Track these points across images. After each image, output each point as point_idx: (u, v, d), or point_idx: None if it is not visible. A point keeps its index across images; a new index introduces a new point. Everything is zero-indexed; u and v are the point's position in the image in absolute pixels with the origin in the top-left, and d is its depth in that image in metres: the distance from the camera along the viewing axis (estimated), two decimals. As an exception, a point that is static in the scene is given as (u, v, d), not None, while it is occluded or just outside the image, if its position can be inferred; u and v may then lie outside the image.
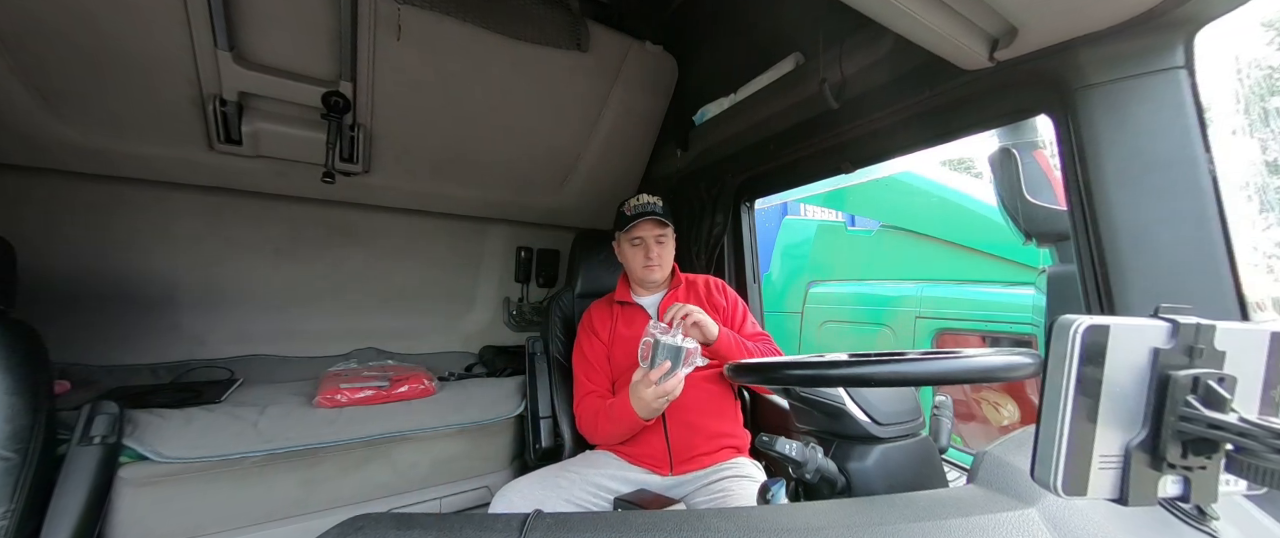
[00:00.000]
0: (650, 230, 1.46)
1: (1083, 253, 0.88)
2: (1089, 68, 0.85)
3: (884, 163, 1.65)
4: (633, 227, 1.44)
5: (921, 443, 0.86)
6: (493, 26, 1.49)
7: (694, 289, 1.54)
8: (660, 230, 1.47)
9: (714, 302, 1.50)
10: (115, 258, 1.68)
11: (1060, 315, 0.40)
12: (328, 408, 1.56)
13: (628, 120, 1.93)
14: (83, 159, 1.50)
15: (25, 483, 1.07)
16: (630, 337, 1.46)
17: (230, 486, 1.42)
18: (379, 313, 2.18)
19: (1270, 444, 0.34)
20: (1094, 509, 0.51)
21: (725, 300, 1.52)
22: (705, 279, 1.58)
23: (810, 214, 3.95)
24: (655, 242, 1.47)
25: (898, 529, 0.49)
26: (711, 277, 1.60)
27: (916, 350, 0.77)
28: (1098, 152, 0.84)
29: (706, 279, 1.58)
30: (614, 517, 0.50)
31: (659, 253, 1.48)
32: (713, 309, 1.47)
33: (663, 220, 1.46)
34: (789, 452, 0.74)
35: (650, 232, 1.46)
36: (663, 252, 1.49)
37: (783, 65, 1.45)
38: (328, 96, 1.50)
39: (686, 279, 1.57)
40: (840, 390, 0.84)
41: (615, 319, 1.51)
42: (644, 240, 1.47)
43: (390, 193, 1.94)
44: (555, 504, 1.25)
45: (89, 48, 1.26)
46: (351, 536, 0.45)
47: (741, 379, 0.83)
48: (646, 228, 1.46)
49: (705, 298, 1.51)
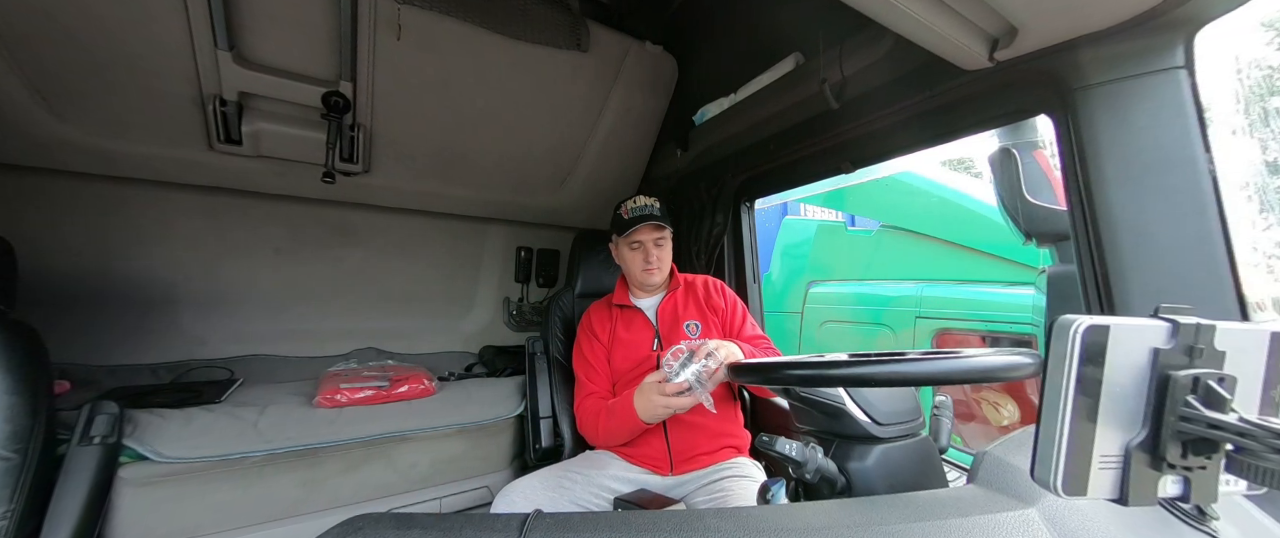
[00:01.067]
0: (649, 234, 1.45)
1: (1083, 253, 0.88)
2: (1089, 68, 0.85)
3: (884, 163, 1.65)
4: (632, 231, 1.43)
5: (921, 443, 0.86)
6: (493, 26, 1.49)
7: (692, 291, 1.52)
8: (659, 233, 1.46)
9: (713, 304, 1.49)
10: (115, 258, 1.68)
11: (1060, 315, 0.40)
12: (328, 408, 1.56)
13: (628, 120, 1.93)
14: (83, 159, 1.50)
15: (25, 483, 1.07)
16: (630, 340, 1.45)
17: (230, 486, 1.42)
18: (379, 313, 2.18)
19: (1270, 444, 0.34)
20: (1094, 509, 0.51)
21: (724, 302, 1.50)
22: (704, 280, 1.56)
23: (810, 214, 3.95)
24: (654, 245, 1.46)
25: (898, 529, 0.49)
26: (710, 277, 1.59)
27: (916, 350, 0.77)
28: (1098, 152, 0.84)
29: (705, 280, 1.56)
30: (614, 517, 0.50)
31: (658, 256, 1.47)
32: (711, 311, 1.47)
33: (661, 223, 1.44)
34: (789, 452, 0.74)
35: (649, 235, 1.45)
36: (662, 254, 1.48)
37: (783, 65, 1.45)
38: (328, 96, 1.50)
39: (685, 280, 1.55)
40: (840, 391, 0.84)
41: (614, 322, 1.50)
42: (643, 244, 1.46)
43: (390, 193, 1.94)
44: (556, 504, 1.25)
45: (89, 47, 1.26)
46: (351, 536, 0.45)
47: (741, 379, 0.83)
48: (645, 232, 1.45)
49: (703, 300, 1.50)
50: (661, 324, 1.47)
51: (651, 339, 1.45)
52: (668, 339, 1.42)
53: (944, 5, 0.82)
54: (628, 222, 1.44)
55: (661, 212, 1.47)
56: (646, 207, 1.45)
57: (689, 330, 1.42)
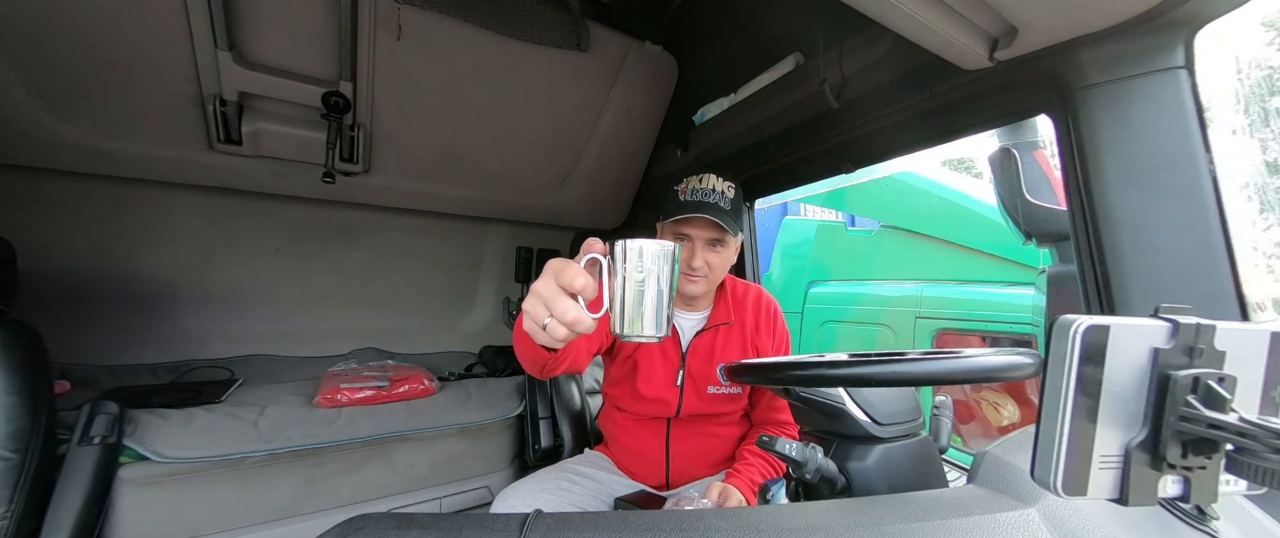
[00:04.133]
0: (703, 232, 1.10)
1: (1083, 253, 0.88)
2: (1089, 68, 0.85)
3: (884, 163, 1.65)
4: (680, 219, 1.08)
5: (921, 443, 0.86)
6: (493, 27, 1.49)
7: (742, 322, 1.23)
8: (715, 233, 1.10)
9: (759, 344, 1.22)
10: (115, 258, 1.68)
11: (1060, 315, 0.40)
12: (328, 408, 1.56)
13: (628, 120, 1.93)
14: (83, 159, 1.49)
15: (25, 483, 1.07)
16: (648, 368, 1.19)
17: (230, 486, 1.42)
18: (379, 313, 2.18)
19: (1270, 444, 0.34)
20: (1094, 509, 0.51)
21: (773, 342, 1.24)
22: (756, 302, 1.25)
23: (810, 214, 3.95)
24: (706, 246, 1.12)
25: (898, 529, 0.49)
26: (764, 296, 1.28)
27: (916, 350, 0.77)
28: (1098, 151, 0.84)
29: (758, 302, 1.25)
30: (614, 517, 0.50)
31: (707, 261, 1.12)
32: (756, 353, 1.22)
33: (719, 226, 1.07)
34: (789, 452, 0.74)
35: (702, 232, 1.10)
36: (714, 261, 1.13)
37: (783, 65, 1.45)
38: (328, 96, 1.50)
39: (735, 299, 1.23)
40: (840, 390, 0.84)
41: None
42: (691, 240, 1.12)
43: (390, 193, 1.94)
44: (555, 504, 1.25)
45: (89, 47, 1.26)
46: (351, 536, 0.45)
47: (741, 379, 0.83)
48: (697, 227, 1.10)
49: (752, 335, 1.22)
50: (692, 358, 1.19)
51: (675, 375, 1.20)
52: (696, 381, 1.19)
53: (944, 5, 0.82)
54: (679, 206, 1.10)
55: (732, 205, 1.11)
56: (712, 193, 1.09)
57: (722, 376, 1.11)
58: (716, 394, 1.19)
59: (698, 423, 1.23)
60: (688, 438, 1.24)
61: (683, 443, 1.24)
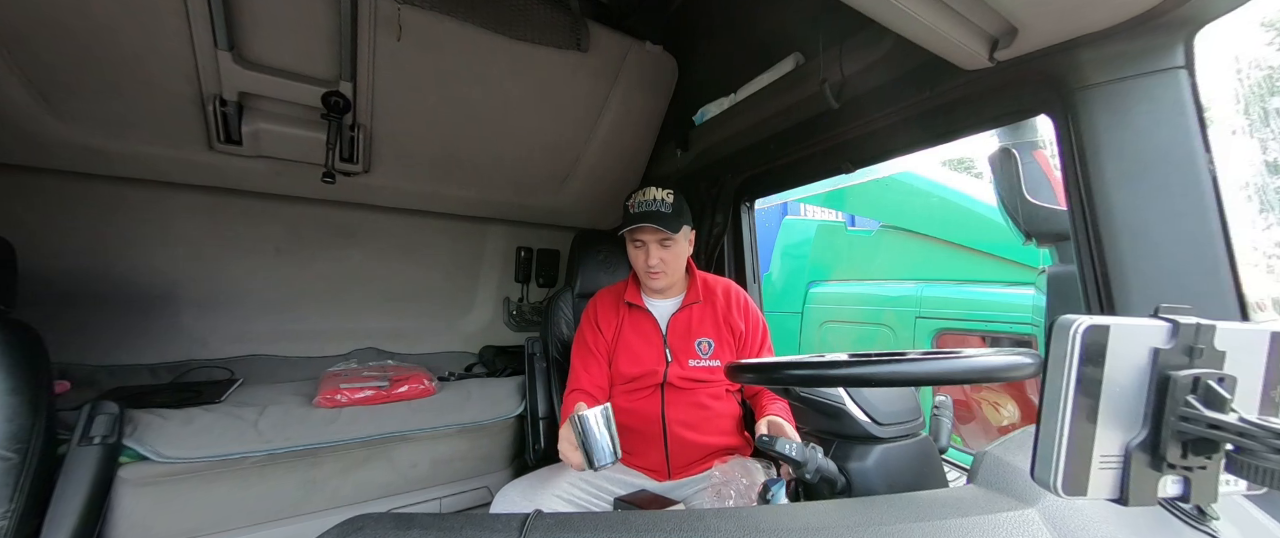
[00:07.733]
0: (651, 236, 1.32)
1: (1083, 253, 0.88)
2: (1089, 68, 0.85)
3: (884, 163, 1.64)
4: (633, 229, 1.32)
5: (921, 443, 0.86)
6: (493, 26, 1.49)
7: (712, 302, 1.39)
8: (662, 236, 1.31)
9: (732, 321, 1.37)
10: (115, 258, 1.68)
11: (1060, 315, 0.40)
12: (328, 408, 1.56)
13: (628, 120, 1.93)
14: (83, 159, 1.49)
15: (25, 483, 1.07)
16: (637, 346, 1.36)
17: (230, 486, 1.42)
18: (379, 313, 2.18)
19: (1270, 444, 0.34)
20: (1094, 509, 0.51)
21: (744, 324, 1.37)
22: (726, 289, 1.42)
23: (810, 214, 3.95)
24: (660, 245, 1.32)
25: (898, 529, 0.49)
26: (733, 286, 1.45)
27: (916, 350, 0.77)
28: (1098, 152, 0.84)
29: (727, 289, 1.42)
30: (614, 517, 0.50)
31: (663, 258, 1.32)
32: (728, 329, 1.37)
33: (662, 229, 1.28)
34: (789, 452, 0.75)
35: (651, 236, 1.32)
36: (669, 257, 1.33)
37: (783, 65, 1.45)
38: (328, 96, 1.50)
39: (706, 287, 1.41)
40: (840, 391, 0.84)
41: (622, 320, 1.41)
42: (645, 244, 1.33)
43: (390, 193, 1.94)
44: (555, 504, 1.25)
45: (89, 47, 1.26)
46: (351, 536, 0.45)
47: (741, 379, 0.83)
48: (647, 233, 1.32)
49: (723, 315, 1.37)
50: (672, 336, 1.37)
51: (661, 351, 1.36)
52: (678, 354, 1.35)
53: (944, 5, 0.82)
54: (629, 218, 1.32)
55: (672, 207, 1.31)
56: (653, 202, 1.30)
57: (700, 349, 1.34)
58: (697, 367, 1.34)
59: (689, 392, 1.32)
60: (681, 405, 1.31)
61: (677, 409, 1.31)
